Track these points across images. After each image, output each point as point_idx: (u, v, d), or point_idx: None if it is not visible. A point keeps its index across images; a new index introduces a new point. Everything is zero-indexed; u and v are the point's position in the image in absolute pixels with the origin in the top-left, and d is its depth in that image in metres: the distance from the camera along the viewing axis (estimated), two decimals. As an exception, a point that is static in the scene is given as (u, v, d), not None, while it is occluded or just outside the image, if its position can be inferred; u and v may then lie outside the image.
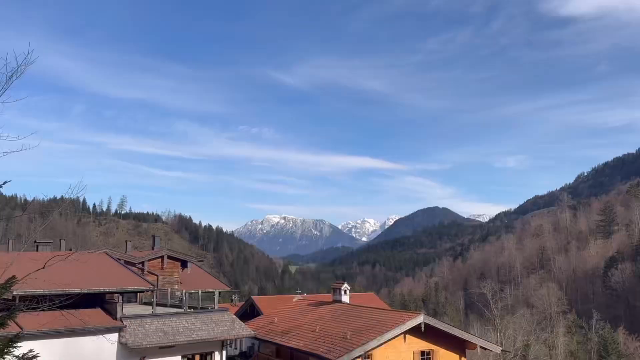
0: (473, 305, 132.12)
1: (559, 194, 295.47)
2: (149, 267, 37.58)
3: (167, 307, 31.79)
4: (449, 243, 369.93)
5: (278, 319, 34.37)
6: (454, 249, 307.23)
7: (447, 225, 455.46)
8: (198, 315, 28.53)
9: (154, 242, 45.38)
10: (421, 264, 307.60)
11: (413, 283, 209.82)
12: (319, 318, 31.91)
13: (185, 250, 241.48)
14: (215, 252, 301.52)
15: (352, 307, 32.45)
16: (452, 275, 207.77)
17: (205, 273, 45.64)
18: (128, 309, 29.38)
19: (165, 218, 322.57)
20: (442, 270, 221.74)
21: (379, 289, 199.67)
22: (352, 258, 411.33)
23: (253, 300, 46.87)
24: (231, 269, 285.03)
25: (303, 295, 47.17)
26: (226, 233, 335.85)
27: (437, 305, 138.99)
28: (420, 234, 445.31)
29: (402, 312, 29.58)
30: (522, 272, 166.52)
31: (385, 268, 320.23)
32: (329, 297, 38.51)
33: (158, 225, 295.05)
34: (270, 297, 51.72)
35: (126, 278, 28.40)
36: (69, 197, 12.15)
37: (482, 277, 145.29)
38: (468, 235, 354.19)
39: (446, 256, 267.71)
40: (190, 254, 66.42)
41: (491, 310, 51.20)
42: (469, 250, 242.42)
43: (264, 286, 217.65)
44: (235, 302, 60.03)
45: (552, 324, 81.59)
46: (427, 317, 27.59)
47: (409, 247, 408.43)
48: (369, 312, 30.22)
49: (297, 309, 35.92)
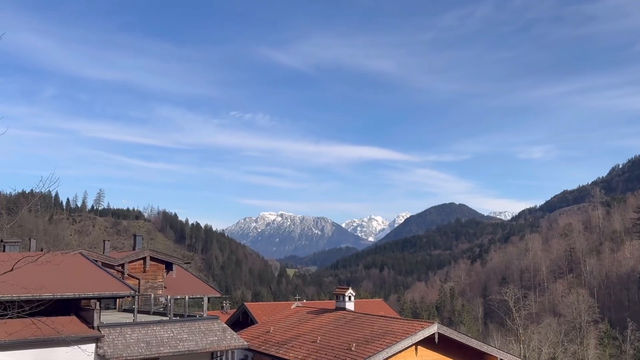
0: (493, 313, 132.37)
1: (591, 189, 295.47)
2: (129, 270, 37.67)
3: (150, 315, 31.88)
4: (466, 244, 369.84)
5: (274, 328, 34.50)
6: (472, 250, 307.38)
7: (464, 224, 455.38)
8: (185, 324, 28.61)
9: (135, 241, 45.52)
10: (435, 267, 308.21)
11: (426, 288, 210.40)
12: (320, 327, 32.03)
13: (170, 251, 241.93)
14: (204, 253, 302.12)
15: (358, 316, 32.54)
16: (470, 279, 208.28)
17: (192, 277, 45.66)
18: (106, 317, 29.44)
19: (147, 215, 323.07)
20: (459, 274, 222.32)
21: (388, 295, 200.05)
22: (357, 260, 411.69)
23: (246, 307, 46.92)
24: (222, 272, 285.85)
25: (302, 301, 47.26)
26: (216, 232, 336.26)
27: (452, 313, 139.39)
28: (434, 233, 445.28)
29: (414, 321, 29.56)
30: (549, 277, 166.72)
31: (395, 272, 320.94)
32: (331, 304, 38.59)
33: (139, 223, 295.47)
34: (266, 304, 51.88)
35: (104, 282, 28.48)
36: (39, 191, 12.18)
37: (504, 282, 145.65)
38: (488, 235, 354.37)
39: (463, 258, 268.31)
40: (176, 256, 66.60)
41: (513, 319, 51.35)
42: (488, 252, 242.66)
43: (258, 291, 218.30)
44: (226, 310, 60.27)
45: (581, 334, 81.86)
46: (441, 326, 27.65)
47: (421, 248, 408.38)
48: (376, 321, 30.30)
49: (296, 317, 36.04)
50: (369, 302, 55.43)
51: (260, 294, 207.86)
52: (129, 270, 37.63)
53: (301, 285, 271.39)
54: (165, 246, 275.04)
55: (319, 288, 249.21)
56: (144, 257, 38.69)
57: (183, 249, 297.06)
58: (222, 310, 60.54)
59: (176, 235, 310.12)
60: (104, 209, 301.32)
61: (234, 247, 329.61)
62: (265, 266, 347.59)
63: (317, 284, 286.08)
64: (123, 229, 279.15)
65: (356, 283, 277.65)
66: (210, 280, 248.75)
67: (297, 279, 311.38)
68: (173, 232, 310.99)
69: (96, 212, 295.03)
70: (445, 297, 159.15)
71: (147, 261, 38.69)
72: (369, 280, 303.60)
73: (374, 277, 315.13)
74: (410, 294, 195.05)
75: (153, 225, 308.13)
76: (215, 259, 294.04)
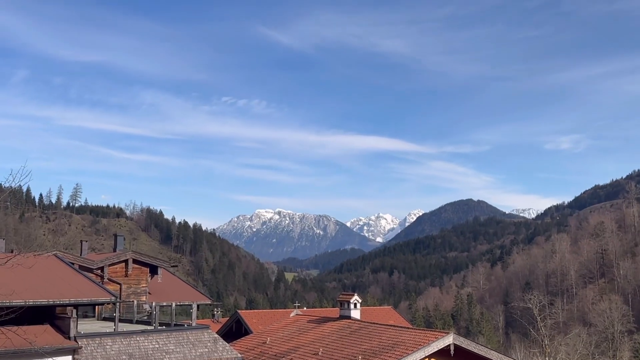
0: (515, 322, 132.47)
1: (625, 184, 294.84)
2: (109, 273, 37.72)
3: (132, 324, 31.99)
4: (486, 245, 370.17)
5: (271, 339, 34.58)
6: (492, 252, 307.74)
7: (484, 223, 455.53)
8: (171, 334, 28.71)
9: (115, 242, 45.43)
10: (450, 271, 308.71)
11: (440, 295, 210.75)
12: (323, 338, 32.10)
13: (155, 253, 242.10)
14: (193, 255, 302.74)
15: (364, 325, 32.58)
16: (490, 285, 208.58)
17: (180, 282, 45.76)
18: (84, 326, 29.55)
19: (129, 213, 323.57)
20: (477, 278, 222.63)
21: (398, 302, 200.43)
22: (363, 263, 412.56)
23: (240, 315, 47.23)
24: (212, 276, 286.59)
25: (302, 309, 47.32)
26: (206, 232, 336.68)
27: (470, 322, 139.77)
28: (450, 233, 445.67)
29: (427, 331, 29.60)
30: (578, 282, 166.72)
31: (406, 276, 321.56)
32: (335, 312, 38.62)
33: (121, 222, 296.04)
34: (262, 312, 52.22)
35: (81, 287, 28.54)
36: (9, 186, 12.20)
37: (527, 288, 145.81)
38: (510, 235, 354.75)
39: (482, 261, 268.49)
40: (162, 258, 66.79)
41: (538, 329, 51.40)
42: (510, 254, 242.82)
43: (253, 298, 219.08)
44: (217, 318, 60.57)
45: (614, 346, 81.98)
46: (457, 337, 27.68)
47: (436, 249, 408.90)
48: (385, 331, 30.33)
49: (295, 327, 36.11)
50: (376, 310, 55.70)
51: (255, 301, 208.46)
52: (109, 274, 37.63)
53: (301, 291, 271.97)
54: (149, 247, 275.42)
55: (321, 294, 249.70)
56: (126, 260, 38.70)
57: (169, 250, 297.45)
58: (213, 319, 60.77)
59: (162, 235, 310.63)
60: (81, 206, 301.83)
61: (226, 249, 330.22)
62: (261, 270, 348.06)
63: (318, 289, 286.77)
64: (102, 228, 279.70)
65: (362, 289, 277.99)
66: (200, 285, 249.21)
67: (296, 284, 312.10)
68: (158, 232, 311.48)
69: (72, 209, 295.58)
70: (462, 305, 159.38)
71: (130, 264, 38.69)
72: (376, 286, 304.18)
73: (383, 282, 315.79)
74: (423, 300, 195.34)
75: (136, 224, 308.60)
76: (206, 262, 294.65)
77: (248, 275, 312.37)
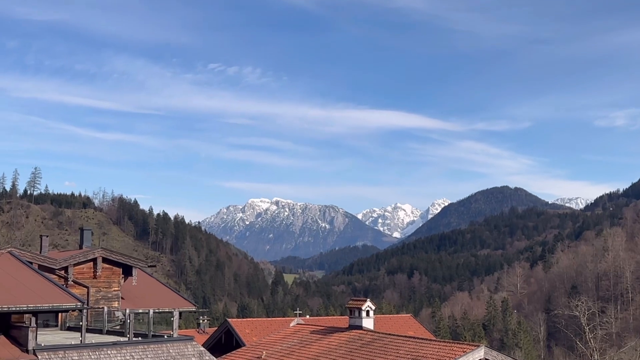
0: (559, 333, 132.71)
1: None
2: (75, 275, 37.80)
3: (102, 335, 32.17)
4: (525, 241, 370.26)
5: (267, 352, 34.64)
6: (532, 249, 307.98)
7: (522, 215, 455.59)
8: (149, 347, 28.82)
9: (82, 237, 45.56)
10: (482, 273, 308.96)
11: (469, 300, 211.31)
12: (329, 352, 32.17)
13: (130, 251, 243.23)
14: (174, 253, 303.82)
15: (379, 336, 32.58)
16: (529, 289, 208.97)
17: (159, 284, 45.99)
18: (45, 337, 29.67)
19: (98, 202, 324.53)
20: (514, 281, 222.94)
21: (419, 309, 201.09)
22: (378, 263, 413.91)
23: (230, 324, 47.53)
24: (197, 278, 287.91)
25: (305, 318, 47.58)
26: (190, 225, 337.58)
27: (504, 333, 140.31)
28: (481, 227, 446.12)
29: (453, 344, 29.61)
30: (635, 285, 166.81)
31: (428, 278, 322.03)
32: (343, 321, 38.72)
33: (88, 213, 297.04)
34: (256, 321, 52.63)
35: (41, 291, 28.59)
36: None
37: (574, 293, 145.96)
38: (553, 230, 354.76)
39: (520, 260, 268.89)
40: (137, 256, 67.01)
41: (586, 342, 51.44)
42: (554, 252, 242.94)
43: (246, 304, 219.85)
44: (203, 328, 60.95)
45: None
46: (490, 350, 27.71)
47: (464, 246, 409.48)
48: (404, 344, 30.33)
49: (296, 339, 36.16)
50: (393, 319, 55.95)
51: (248, 308, 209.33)
52: (74, 275, 37.70)
53: (303, 296, 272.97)
54: (122, 244, 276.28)
55: (327, 300, 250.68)
56: (95, 259, 38.79)
57: (146, 247, 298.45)
58: (199, 329, 61.18)
59: (137, 229, 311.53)
60: (41, 195, 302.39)
61: (213, 246, 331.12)
62: (255, 271, 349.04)
63: (324, 294, 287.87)
64: (66, 221, 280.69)
65: (376, 293, 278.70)
66: (183, 289, 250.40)
67: (297, 287, 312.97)
68: (133, 226, 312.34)
69: (30, 198, 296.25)
70: (496, 312, 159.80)
71: (99, 263, 38.78)
72: (393, 290, 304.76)
73: (401, 286, 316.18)
74: (449, 307, 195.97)
75: (106, 216, 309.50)
76: (189, 261, 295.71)
77: (240, 277, 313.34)
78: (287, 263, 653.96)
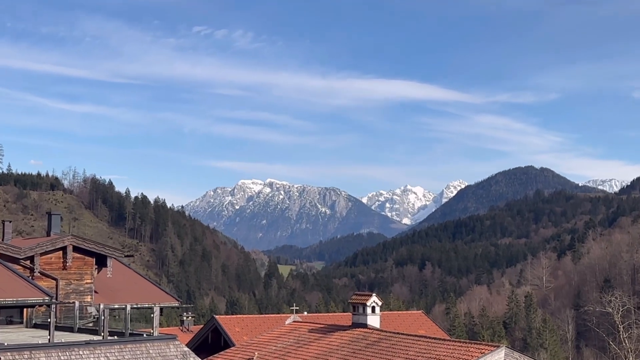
0: (589, 332, 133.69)
1: None
2: (42, 265, 38.24)
3: (73, 333, 32.69)
4: (552, 228, 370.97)
5: (260, 354, 35.19)
6: (560, 238, 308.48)
7: (549, 199, 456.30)
8: (126, 347, 29.13)
9: (50, 223, 45.46)
10: (502, 264, 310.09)
11: (489, 295, 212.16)
12: (330, 353, 32.67)
13: (104, 238, 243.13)
14: (154, 241, 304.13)
15: (386, 336, 33.09)
16: (556, 282, 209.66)
17: (137, 276, 46.64)
18: (9, 335, 30.28)
19: (68, 184, 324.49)
20: (539, 274, 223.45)
21: (431, 305, 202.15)
22: (385, 253, 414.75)
23: (218, 322, 48.19)
24: (181, 270, 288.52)
25: (302, 314, 48.17)
26: (172, 210, 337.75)
27: (528, 332, 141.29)
28: (502, 212, 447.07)
29: (470, 344, 30.15)
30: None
31: (442, 270, 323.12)
32: (346, 319, 39.31)
33: (57, 196, 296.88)
34: (247, 318, 53.29)
35: (4, 284, 29.12)
36: None
37: (607, 287, 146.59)
38: (584, 216, 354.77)
39: (546, 250, 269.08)
40: (112, 245, 67.69)
41: (620, 342, 52.19)
42: (585, 241, 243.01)
43: (235, 299, 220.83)
44: (187, 326, 61.64)
45: None
46: (511, 351, 28.27)
47: (483, 234, 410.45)
48: (414, 344, 30.79)
49: (293, 338, 36.64)
50: (402, 316, 56.90)
51: (238, 303, 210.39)
52: (41, 266, 38.12)
53: (300, 289, 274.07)
54: (95, 230, 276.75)
55: (327, 294, 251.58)
56: (64, 247, 39.21)
57: (123, 234, 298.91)
58: (182, 327, 62.07)
59: (112, 214, 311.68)
60: (3, 174, 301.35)
61: (199, 233, 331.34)
62: (246, 261, 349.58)
63: (324, 288, 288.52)
64: (32, 205, 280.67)
65: (383, 287, 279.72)
66: (164, 281, 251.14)
67: (294, 280, 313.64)
68: (107, 210, 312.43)
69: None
70: (518, 309, 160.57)
71: (69, 253, 39.19)
72: (402, 283, 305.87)
73: (411, 279, 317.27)
74: (465, 303, 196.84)
75: (77, 199, 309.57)
76: (172, 251, 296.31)
77: (229, 269, 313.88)
78: (282, 253, 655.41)
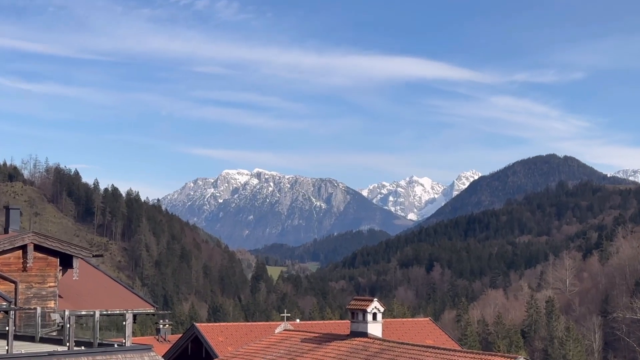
0: (618, 342, 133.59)
1: None
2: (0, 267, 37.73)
3: (35, 343, 32.23)
4: (576, 225, 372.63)
5: (246, 366, 34.80)
6: (586, 235, 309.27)
7: (573, 191, 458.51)
8: (95, 358, 28.80)
9: (7, 218, 45.48)
10: (521, 265, 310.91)
11: (505, 300, 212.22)
12: (325, 365, 32.20)
13: (70, 236, 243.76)
14: (126, 239, 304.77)
15: (388, 346, 32.79)
16: (581, 286, 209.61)
17: (107, 279, 46.30)
18: (-40, 346, 29.48)
19: (29, 174, 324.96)
20: (561, 276, 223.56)
21: (440, 311, 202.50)
22: (388, 252, 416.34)
23: (198, 330, 47.95)
24: (157, 271, 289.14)
25: (294, 322, 47.85)
26: (147, 203, 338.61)
27: (550, 342, 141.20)
28: (521, 206, 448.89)
29: (483, 355, 29.96)
30: None
31: (453, 272, 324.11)
32: (344, 327, 38.85)
33: (15, 187, 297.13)
34: (232, 326, 53.04)
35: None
36: None
37: (638, 291, 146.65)
38: (613, 210, 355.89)
39: (570, 249, 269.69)
40: (79, 243, 66.86)
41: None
42: (613, 239, 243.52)
43: (219, 305, 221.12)
44: (164, 335, 61.60)
45: None
46: (531, 365, 27.68)
47: (499, 231, 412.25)
48: (420, 355, 30.53)
49: (283, 348, 36.46)
50: (407, 324, 56.60)
51: (222, 309, 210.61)
52: (-2, 267, 37.71)
53: (292, 294, 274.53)
54: (60, 227, 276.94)
55: (323, 299, 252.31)
56: (24, 246, 38.84)
57: (91, 231, 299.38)
58: (158, 336, 62.26)
59: (79, 208, 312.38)
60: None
61: (177, 230, 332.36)
62: (231, 262, 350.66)
63: (319, 292, 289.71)
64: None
65: (386, 291, 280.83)
66: (138, 285, 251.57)
67: (285, 283, 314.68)
68: (73, 204, 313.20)
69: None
70: (539, 316, 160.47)
71: (30, 252, 38.85)
72: (408, 287, 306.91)
73: (417, 282, 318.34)
74: (479, 309, 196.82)
75: (39, 191, 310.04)
76: (146, 250, 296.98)
77: (211, 271, 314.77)
78: (271, 252, 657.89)
